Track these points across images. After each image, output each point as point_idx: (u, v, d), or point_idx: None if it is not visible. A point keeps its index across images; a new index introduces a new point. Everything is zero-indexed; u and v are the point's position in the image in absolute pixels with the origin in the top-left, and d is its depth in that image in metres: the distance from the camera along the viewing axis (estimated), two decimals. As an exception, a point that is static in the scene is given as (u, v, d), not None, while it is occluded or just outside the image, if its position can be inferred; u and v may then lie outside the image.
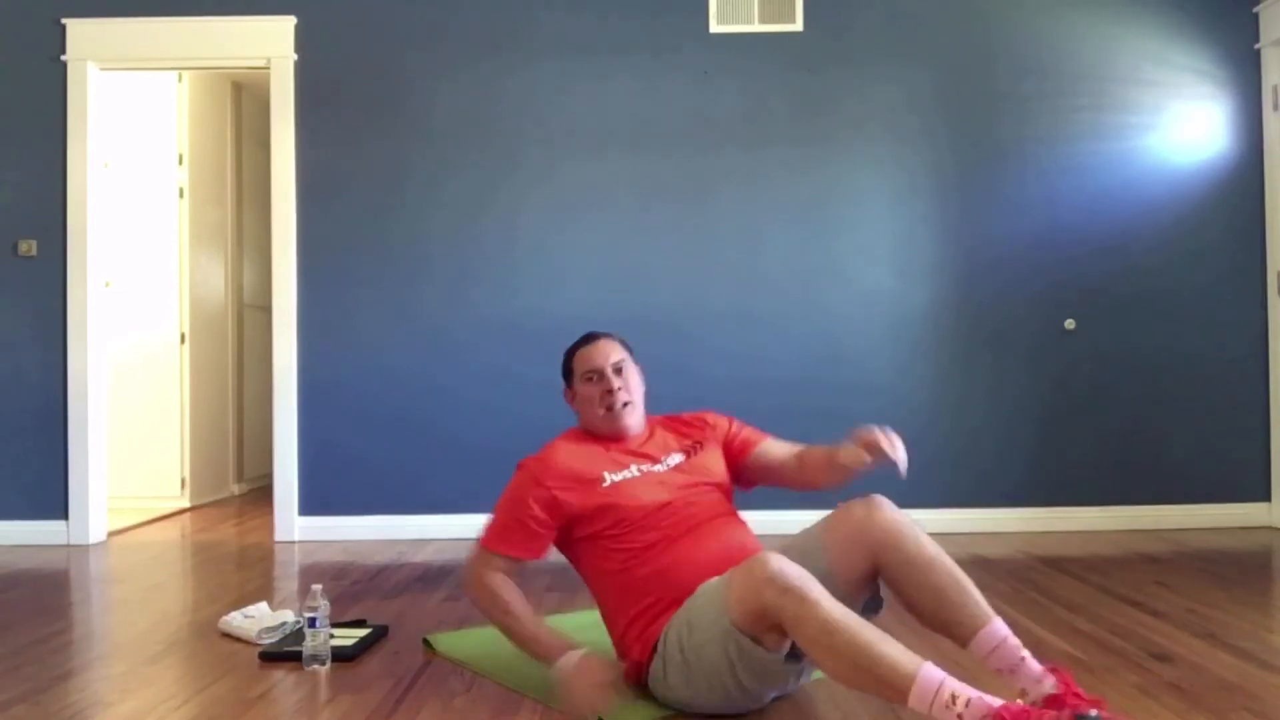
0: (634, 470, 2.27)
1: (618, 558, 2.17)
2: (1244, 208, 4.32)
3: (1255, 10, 4.31)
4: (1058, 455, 4.28)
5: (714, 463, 2.36)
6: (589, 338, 2.41)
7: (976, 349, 4.30)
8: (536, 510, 2.20)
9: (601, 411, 2.31)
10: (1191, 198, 4.32)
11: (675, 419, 2.45)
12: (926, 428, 4.27)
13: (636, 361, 2.41)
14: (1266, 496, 4.29)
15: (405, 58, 4.33)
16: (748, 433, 2.44)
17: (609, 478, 2.24)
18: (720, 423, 2.44)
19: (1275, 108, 4.27)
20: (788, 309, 4.29)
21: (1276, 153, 4.26)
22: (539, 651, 2.12)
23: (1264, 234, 4.31)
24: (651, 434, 2.38)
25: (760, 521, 4.06)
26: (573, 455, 2.28)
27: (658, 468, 2.30)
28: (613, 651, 2.22)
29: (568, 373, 2.42)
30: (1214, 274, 4.31)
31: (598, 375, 2.33)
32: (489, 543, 2.25)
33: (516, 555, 2.23)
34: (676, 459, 2.32)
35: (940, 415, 4.28)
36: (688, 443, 2.37)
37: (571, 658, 2.04)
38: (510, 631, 2.18)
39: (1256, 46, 4.32)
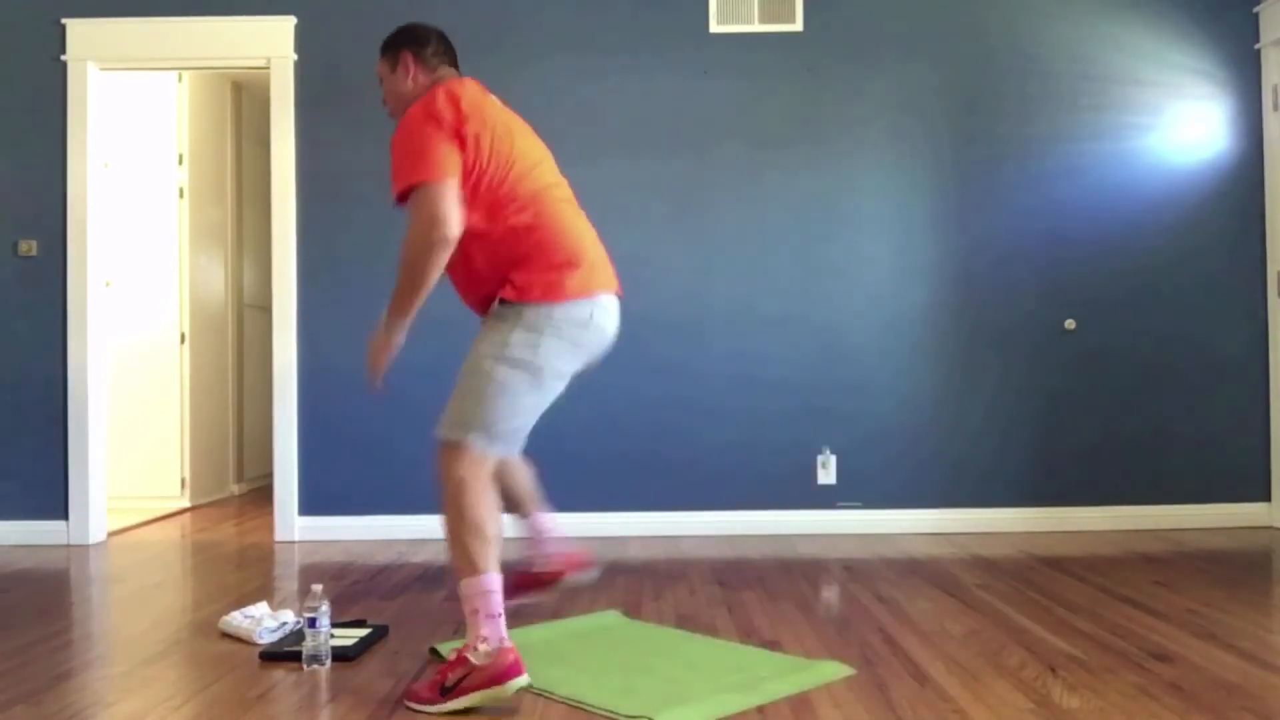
0: None
1: None
2: (1244, 208, 4.32)
3: (1255, 10, 4.32)
4: (1058, 455, 4.28)
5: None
6: None
7: (977, 349, 4.30)
8: None
9: None
10: (1191, 198, 4.32)
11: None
12: (927, 427, 4.28)
13: (400, 62, 2.53)
14: (1266, 496, 4.29)
15: (405, 58, 4.33)
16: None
17: None
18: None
19: (1275, 108, 4.27)
20: (788, 308, 4.29)
21: (1276, 153, 4.26)
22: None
23: (1264, 234, 4.31)
24: None
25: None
26: None
27: None
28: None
29: None
30: (1214, 274, 4.32)
31: None
32: None
33: None
34: None
35: (940, 415, 4.28)
36: None
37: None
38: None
39: (1256, 46, 4.32)
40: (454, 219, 2.26)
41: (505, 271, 2.34)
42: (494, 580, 2.18)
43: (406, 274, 2.29)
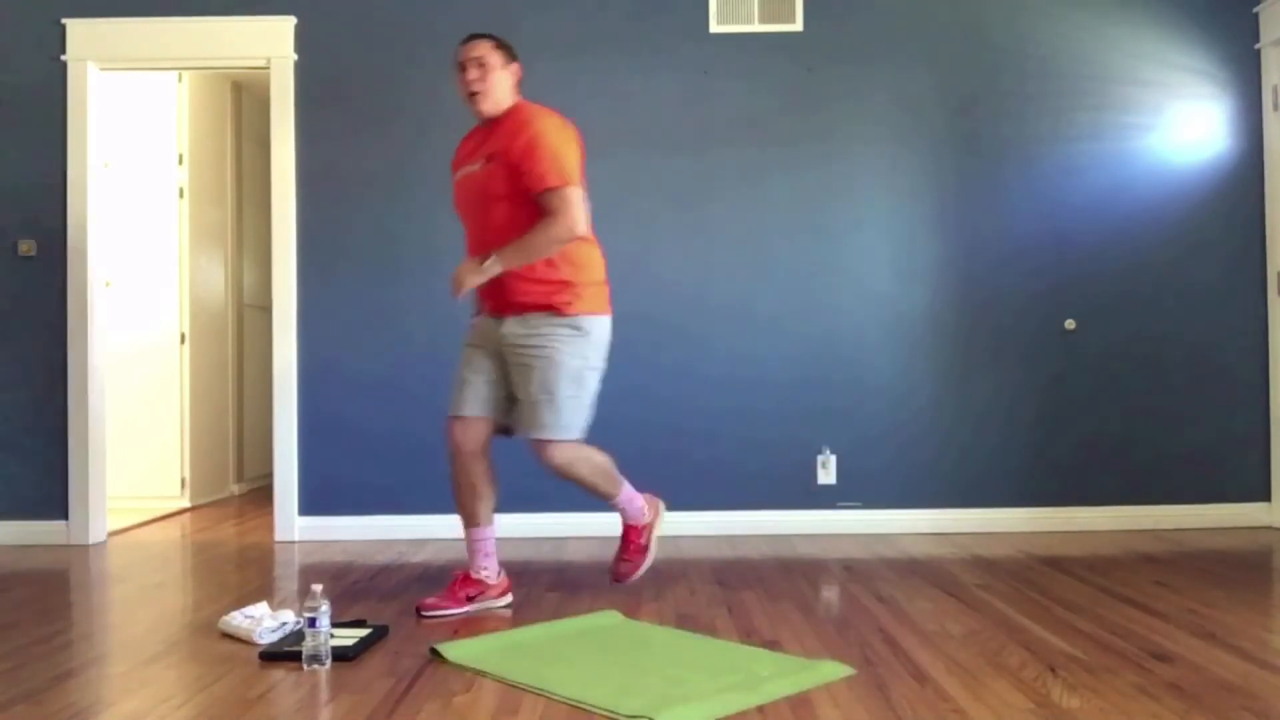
0: (463, 171, 3.01)
1: None
2: (1244, 208, 4.32)
3: (1255, 10, 4.32)
4: (1058, 455, 4.28)
5: (496, 182, 2.89)
6: (468, 36, 3.03)
7: (977, 348, 4.30)
8: None
9: (463, 97, 2.99)
10: (1192, 198, 4.32)
11: (522, 119, 2.93)
12: (927, 427, 4.28)
13: (511, 61, 3.02)
14: (1266, 496, 4.29)
15: (405, 58, 4.33)
16: (527, 180, 2.86)
17: (456, 174, 3.06)
18: (519, 144, 2.87)
19: (1275, 108, 4.27)
20: (788, 308, 4.29)
21: (1276, 153, 4.26)
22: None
23: (1264, 234, 4.31)
24: (495, 130, 2.96)
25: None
26: (462, 144, 3.11)
27: (470, 168, 2.98)
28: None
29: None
30: (1214, 274, 4.32)
31: (460, 67, 2.98)
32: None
33: None
34: (479, 165, 2.95)
35: (941, 415, 4.28)
36: (492, 151, 2.93)
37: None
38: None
39: (1256, 46, 4.32)
40: (584, 222, 2.85)
41: (565, 273, 2.89)
42: (628, 488, 3.11)
43: (532, 248, 2.83)
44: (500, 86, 2.97)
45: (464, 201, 3.01)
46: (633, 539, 3.15)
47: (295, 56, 4.32)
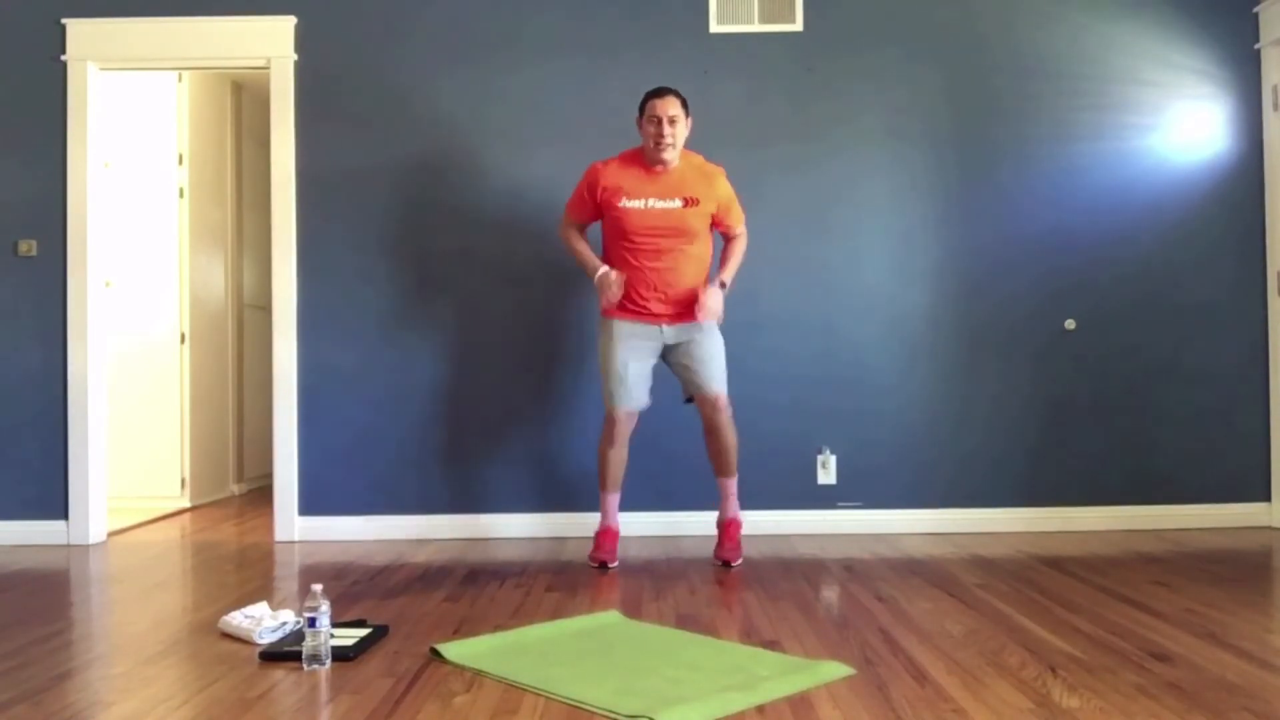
0: (648, 203, 3.57)
1: (613, 244, 3.66)
2: (1244, 208, 4.32)
3: (1255, 10, 4.32)
4: (1058, 455, 4.28)
5: (698, 220, 3.62)
6: (659, 91, 3.60)
7: (977, 348, 4.30)
8: (586, 195, 3.66)
9: (651, 145, 3.56)
10: (1192, 198, 4.32)
11: (699, 168, 3.66)
12: (927, 427, 4.28)
13: (688, 115, 3.63)
14: (1266, 496, 4.29)
15: (405, 58, 4.33)
16: (730, 220, 3.74)
17: (626, 203, 3.58)
18: (719, 197, 3.66)
19: (1275, 108, 4.27)
20: (788, 308, 4.29)
21: (1276, 153, 4.26)
22: (588, 265, 3.68)
23: (1264, 234, 4.31)
24: (676, 174, 3.60)
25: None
26: (617, 173, 3.62)
27: (661, 204, 3.58)
28: None
29: (641, 109, 3.62)
30: (1214, 274, 4.31)
31: (656, 120, 3.54)
32: (567, 211, 3.77)
33: (577, 219, 3.74)
34: (676, 204, 3.58)
35: (941, 415, 4.28)
36: (691, 195, 3.60)
37: (603, 269, 3.61)
38: (574, 253, 3.75)
39: (1256, 46, 4.32)
40: None
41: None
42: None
43: (742, 259, 3.82)
44: (683, 139, 3.60)
45: (655, 230, 3.57)
46: (735, 527, 3.78)
47: (295, 56, 4.32)
